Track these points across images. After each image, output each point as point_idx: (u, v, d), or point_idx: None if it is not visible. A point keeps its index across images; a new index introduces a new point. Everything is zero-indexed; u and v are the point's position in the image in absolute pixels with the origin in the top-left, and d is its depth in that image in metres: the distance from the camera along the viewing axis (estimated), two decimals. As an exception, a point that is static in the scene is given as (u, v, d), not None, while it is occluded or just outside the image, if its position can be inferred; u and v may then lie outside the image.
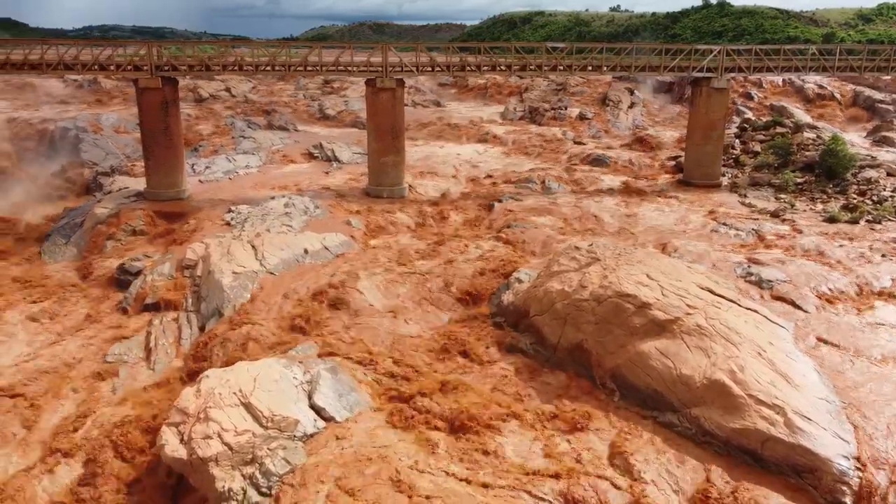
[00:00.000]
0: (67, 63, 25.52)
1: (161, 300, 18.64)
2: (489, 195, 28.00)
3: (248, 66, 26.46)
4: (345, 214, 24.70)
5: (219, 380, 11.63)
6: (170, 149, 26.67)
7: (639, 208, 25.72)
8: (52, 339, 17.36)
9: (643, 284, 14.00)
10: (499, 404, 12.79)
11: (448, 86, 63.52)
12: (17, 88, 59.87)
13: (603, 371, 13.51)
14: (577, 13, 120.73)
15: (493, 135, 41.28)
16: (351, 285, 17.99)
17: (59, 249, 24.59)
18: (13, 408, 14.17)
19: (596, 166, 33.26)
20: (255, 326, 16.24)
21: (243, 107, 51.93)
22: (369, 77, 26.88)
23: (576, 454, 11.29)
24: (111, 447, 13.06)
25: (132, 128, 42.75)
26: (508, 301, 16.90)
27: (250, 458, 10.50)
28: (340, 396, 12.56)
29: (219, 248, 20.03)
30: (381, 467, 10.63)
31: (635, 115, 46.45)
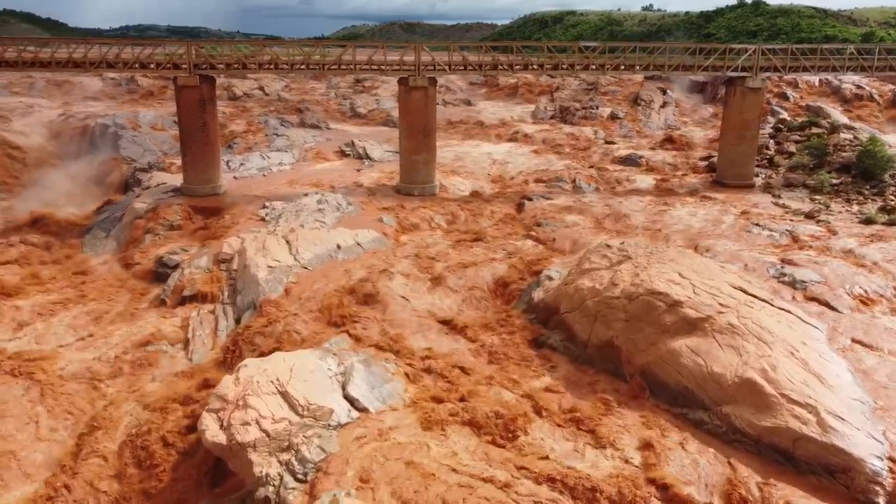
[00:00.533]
0: (110, 61, 26.24)
1: (198, 292, 19.13)
2: (520, 194, 28.09)
3: (283, 64, 26.90)
4: (377, 211, 25.00)
5: (257, 369, 11.96)
6: (206, 145, 27.24)
7: (670, 208, 25.60)
8: (94, 327, 17.91)
9: (675, 283, 14.03)
10: (528, 399, 12.93)
11: (478, 85, 63.63)
12: (57, 87, 61.49)
13: (633, 368, 13.57)
14: (609, 12, 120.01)
15: (523, 134, 41.32)
16: (383, 281, 18.25)
17: (100, 242, 25.31)
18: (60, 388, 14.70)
19: (627, 166, 33.13)
20: (289, 319, 16.58)
21: (276, 105, 52.65)
22: (402, 76, 27.15)
23: (605, 450, 11.37)
24: (151, 431, 13.50)
25: (169, 125, 43.68)
26: (539, 298, 17.02)
27: (286, 444, 10.79)
28: (373, 388, 12.81)
29: (254, 243, 20.45)
30: (412, 457, 10.83)
31: (667, 114, 46.10)
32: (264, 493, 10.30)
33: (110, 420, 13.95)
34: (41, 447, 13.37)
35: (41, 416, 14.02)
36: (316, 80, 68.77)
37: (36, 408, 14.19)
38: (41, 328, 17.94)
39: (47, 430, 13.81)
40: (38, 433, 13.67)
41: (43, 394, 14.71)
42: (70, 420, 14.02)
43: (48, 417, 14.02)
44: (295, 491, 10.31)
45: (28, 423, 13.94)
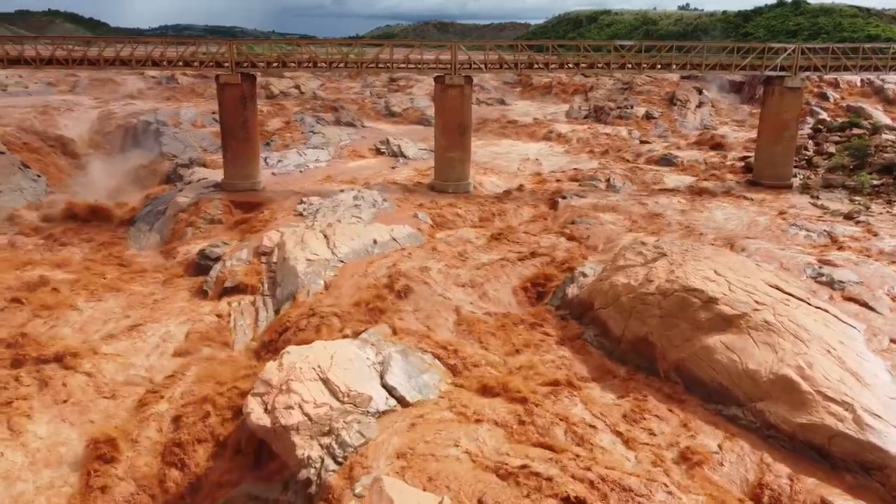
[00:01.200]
0: (155, 59, 27.01)
1: (239, 284, 19.65)
2: (553, 192, 28.21)
3: (321, 62, 27.39)
4: (412, 208, 25.36)
5: (299, 356, 12.35)
6: (246, 142, 27.89)
7: (706, 208, 25.52)
8: (138, 317, 18.52)
9: (710, 280, 14.09)
10: (563, 392, 13.10)
11: (512, 84, 63.77)
12: (101, 85, 63.14)
13: (667, 364, 13.67)
14: (645, 12, 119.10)
15: (557, 133, 41.38)
16: (419, 275, 18.57)
17: (144, 235, 26.11)
18: (112, 371, 15.34)
19: (662, 166, 33.03)
20: (327, 310, 16.97)
21: (312, 103, 53.42)
22: (438, 74, 27.47)
23: (639, 444, 11.50)
24: (194, 416, 14.00)
25: (208, 122, 44.71)
26: (573, 294, 17.18)
27: (327, 429, 11.15)
28: (410, 378, 13.11)
29: (293, 237, 20.94)
30: (448, 444, 11.09)
31: (703, 114, 45.75)
32: (306, 474, 10.67)
33: (155, 404, 14.49)
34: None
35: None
36: (351, 79, 69.59)
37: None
38: (88, 317, 18.60)
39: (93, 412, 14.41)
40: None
41: (91, 378, 15.32)
42: (117, 402, 14.59)
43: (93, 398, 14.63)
44: (335, 473, 10.65)
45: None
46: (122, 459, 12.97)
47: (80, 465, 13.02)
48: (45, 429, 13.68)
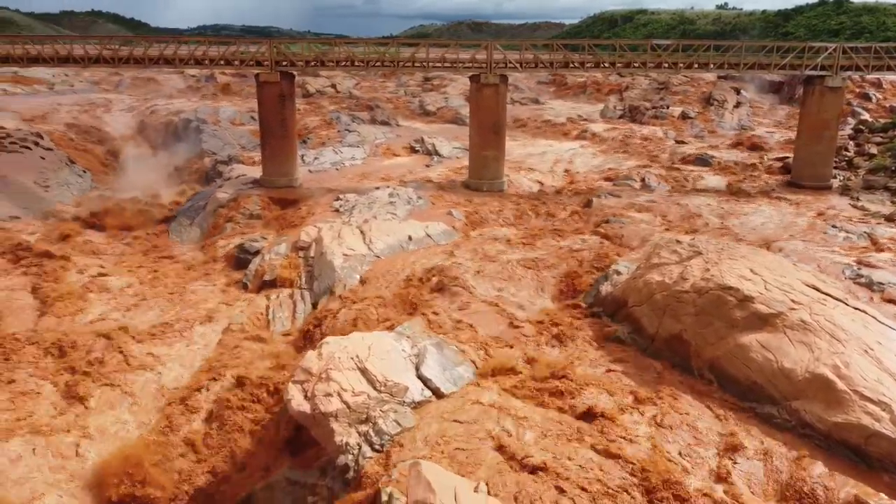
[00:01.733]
0: (197, 58, 27.69)
1: (277, 278, 20.12)
2: (587, 191, 28.23)
3: (358, 61, 27.79)
4: (446, 205, 25.61)
5: (337, 346, 12.68)
6: (285, 139, 28.42)
7: (742, 208, 25.31)
8: (181, 308, 19.10)
9: (746, 278, 14.06)
10: (595, 387, 13.21)
11: (547, 84, 63.69)
12: (143, 84, 64.75)
13: (701, 362, 13.68)
14: (682, 11, 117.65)
15: (591, 132, 41.29)
16: (453, 271, 18.80)
17: (185, 229, 26.79)
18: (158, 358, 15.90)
19: (698, 166, 32.77)
20: (364, 304, 17.33)
21: (347, 102, 54.06)
22: (473, 73, 27.67)
23: (674, 439, 11.56)
24: (235, 402, 14.47)
25: (246, 120, 45.57)
26: (606, 292, 17.25)
27: (365, 417, 11.45)
28: (445, 370, 13.35)
29: (330, 232, 21.35)
30: (482, 435, 11.30)
31: (741, 115, 45.18)
32: (344, 460, 10.98)
33: (198, 392, 14.99)
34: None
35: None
36: (385, 78, 70.19)
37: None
38: (133, 307, 19.24)
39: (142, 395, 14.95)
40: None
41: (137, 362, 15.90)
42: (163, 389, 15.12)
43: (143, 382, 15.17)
44: (372, 460, 10.95)
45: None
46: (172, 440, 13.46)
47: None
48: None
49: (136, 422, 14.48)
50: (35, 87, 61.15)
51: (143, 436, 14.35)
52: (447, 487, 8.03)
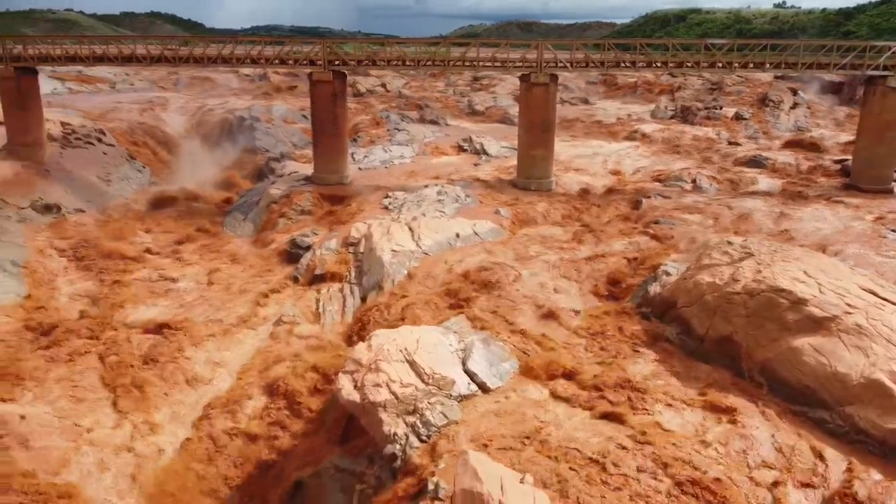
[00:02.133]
0: (253, 57, 28.43)
1: (328, 272, 20.56)
2: (637, 191, 27.97)
3: (409, 61, 28.10)
4: (493, 204, 25.72)
5: (386, 338, 12.95)
6: (336, 137, 28.94)
7: (797, 211, 24.73)
8: (236, 300, 19.70)
9: (800, 281, 13.82)
10: (643, 385, 13.17)
11: (596, 84, 63.15)
12: (199, 83, 66.55)
13: (752, 364, 13.51)
14: (738, 10, 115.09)
15: (641, 133, 40.82)
16: (500, 269, 18.92)
17: (239, 224, 27.56)
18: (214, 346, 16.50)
19: (752, 167, 32.10)
20: (411, 299, 17.59)
21: (397, 101, 54.61)
22: (524, 73, 27.71)
23: (724, 440, 11.46)
24: (287, 392, 14.89)
25: (298, 119, 46.46)
26: (655, 292, 17.13)
27: (412, 408, 11.67)
28: (491, 365, 13.49)
29: (379, 228, 21.70)
30: (528, 430, 11.41)
31: (798, 116, 44.04)
32: (391, 449, 11.23)
33: (251, 381, 15.49)
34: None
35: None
36: (434, 77, 70.60)
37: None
38: (191, 299, 19.93)
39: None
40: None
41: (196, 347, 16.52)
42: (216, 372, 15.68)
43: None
44: (418, 450, 11.16)
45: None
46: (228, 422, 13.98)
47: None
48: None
49: (192, 410, 15.02)
50: (97, 86, 63.48)
51: (196, 422, 14.91)
52: (494, 477, 8.18)
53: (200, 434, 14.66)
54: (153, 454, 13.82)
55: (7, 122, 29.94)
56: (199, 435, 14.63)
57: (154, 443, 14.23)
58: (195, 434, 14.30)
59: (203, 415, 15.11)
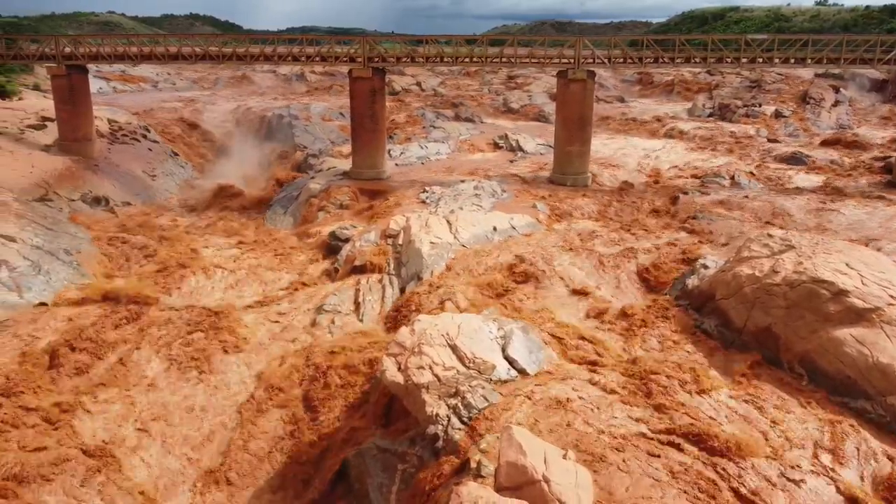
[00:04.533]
0: (295, 55, 29.06)
1: (367, 263, 20.94)
2: (674, 188, 27.89)
3: (447, 58, 28.43)
4: (530, 199, 25.90)
5: (429, 323, 13.26)
6: (374, 133, 29.41)
7: (838, 207, 24.45)
8: (277, 289, 20.24)
9: (841, 273, 13.78)
10: (683, 374, 13.27)
11: (632, 83, 62.80)
12: (237, 83, 67.84)
13: (791, 355, 13.52)
14: (777, 8, 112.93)
15: (679, 130, 40.58)
16: (538, 261, 19.14)
17: (279, 217, 28.18)
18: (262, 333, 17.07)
19: (792, 165, 31.74)
20: (450, 290, 17.89)
21: (432, 100, 55.04)
22: (561, 69, 27.84)
23: (765, 429, 11.52)
24: (329, 376, 15.32)
25: (335, 116, 47.13)
26: (693, 285, 17.18)
27: (454, 391, 11.96)
28: (531, 353, 13.71)
29: (418, 221, 22.05)
30: (569, 413, 11.60)
31: (840, 113, 43.33)
32: (434, 430, 11.53)
33: (296, 366, 15.97)
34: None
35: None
36: (469, 77, 70.90)
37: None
38: (235, 287, 20.54)
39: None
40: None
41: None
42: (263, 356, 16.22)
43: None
44: (460, 431, 11.44)
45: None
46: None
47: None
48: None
49: (238, 397, 15.55)
50: (140, 85, 65.21)
51: (242, 405, 15.43)
52: (537, 451, 8.42)
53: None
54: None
55: (59, 118, 31.06)
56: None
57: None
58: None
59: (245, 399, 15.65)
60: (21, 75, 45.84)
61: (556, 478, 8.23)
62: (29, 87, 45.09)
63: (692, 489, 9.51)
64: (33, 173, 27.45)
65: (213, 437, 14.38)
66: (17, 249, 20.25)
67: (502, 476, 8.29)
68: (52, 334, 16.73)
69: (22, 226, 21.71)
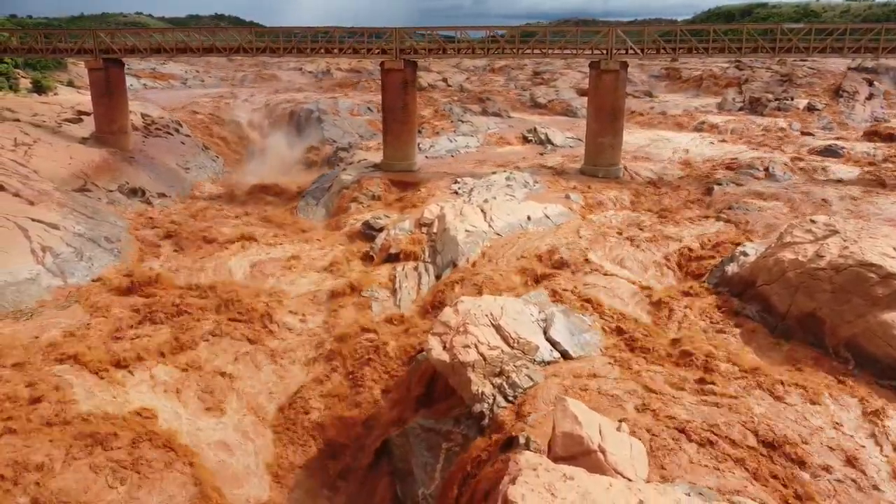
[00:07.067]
0: (327, 48, 29.28)
1: (402, 251, 21.08)
2: (707, 179, 27.68)
3: (480, 48, 28.46)
4: (562, 189, 25.87)
5: (472, 304, 13.34)
6: (405, 124, 29.54)
7: (877, 198, 24.12)
8: (320, 277, 20.45)
9: (889, 256, 13.61)
10: (725, 360, 13.19)
11: (660, 77, 62.31)
12: (264, 80, 68.41)
13: (837, 340, 13.38)
14: (806, 3, 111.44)
15: (709, 124, 40.24)
16: (574, 249, 19.11)
17: (311, 209, 28.43)
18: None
19: (827, 157, 31.29)
20: (487, 276, 17.93)
21: (459, 95, 55.11)
22: (594, 60, 27.74)
23: (814, 413, 11.42)
24: (372, 361, 15.48)
25: (363, 111, 47.41)
26: (733, 272, 17.05)
27: (499, 370, 12.03)
28: (572, 335, 13.74)
29: (452, 210, 22.13)
30: (613, 391, 11.62)
31: (874, 106, 42.67)
32: (479, 408, 11.60)
33: (339, 349, 16.16)
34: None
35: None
36: (494, 73, 70.85)
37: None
38: (278, 276, 20.78)
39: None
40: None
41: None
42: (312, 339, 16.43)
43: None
44: (505, 410, 11.50)
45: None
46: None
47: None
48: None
49: (285, 377, 15.77)
50: (170, 82, 66.11)
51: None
52: (592, 422, 8.44)
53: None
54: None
55: (95, 111, 31.61)
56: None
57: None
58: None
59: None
60: (55, 72, 46.66)
61: (612, 448, 8.25)
62: (63, 84, 45.89)
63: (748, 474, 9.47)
64: (72, 164, 28.00)
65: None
66: (61, 236, 20.66)
67: (558, 446, 8.32)
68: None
69: (64, 214, 22.15)
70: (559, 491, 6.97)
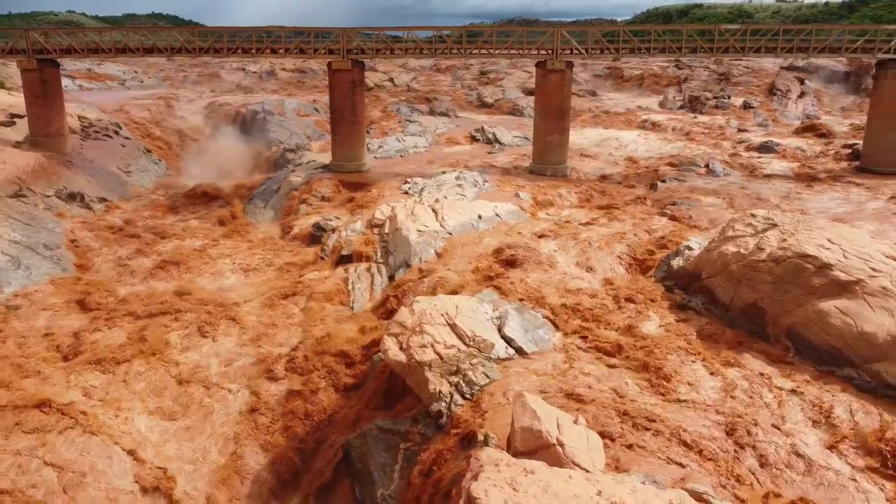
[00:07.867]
0: (273, 48, 28.87)
1: (354, 252, 20.97)
2: (651, 176, 28.40)
3: (427, 48, 28.51)
4: (512, 188, 26.13)
5: (428, 303, 13.38)
6: (354, 125, 29.38)
7: (812, 192, 25.18)
8: (268, 281, 20.17)
9: (824, 247, 14.24)
10: (675, 350, 13.60)
11: (603, 77, 63.54)
12: (207, 80, 66.90)
13: (778, 329, 13.93)
14: (740, 5, 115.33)
15: (651, 122, 41.26)
16: (525, 247, 19.34)
17: (259, 211, 27.99)
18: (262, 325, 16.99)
19: (763, 153, 32.53)
20: (440, 276, 18.01)
21: (406, 95, 55.02)
22: (540, 60, 28.12)
23: (752, 393, 11.90)
24: (325, 364, 15.37)
25: (310, 111, 46.90)
26: (678, 266, 17.57)
27: (455, 369, 12.12)
28: (526, 332, 13.94)
29: (404, 210, 22.13)
30: (566, 384, 11.86)
31: (806, 104, 44.52)
32: (437, 407, 11.67)
33: (291, 352, 15.97)
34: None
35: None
36: (441, 72, 71.03)
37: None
38: (225, 281, 20.42)
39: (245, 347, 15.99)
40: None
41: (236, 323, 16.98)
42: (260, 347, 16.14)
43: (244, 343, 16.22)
44: (463, 408, 11.61)
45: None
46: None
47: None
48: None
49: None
50: (107, 83, 63.96)
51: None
52: (550, 416, 8.61)
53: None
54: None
55: (30, 114, 30.42)
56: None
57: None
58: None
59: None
60: (-16, 73, 44.68)
61: (570, 441, 8.43)
62: (-7, 85, 43.97)
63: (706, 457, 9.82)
64: (5, 169, 26.87)
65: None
66: (-4, 244, 19.88)
67: (517, 441, 8.46)
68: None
69: (-2, 221, 21.30)
70: (521, 485, 7.10)
